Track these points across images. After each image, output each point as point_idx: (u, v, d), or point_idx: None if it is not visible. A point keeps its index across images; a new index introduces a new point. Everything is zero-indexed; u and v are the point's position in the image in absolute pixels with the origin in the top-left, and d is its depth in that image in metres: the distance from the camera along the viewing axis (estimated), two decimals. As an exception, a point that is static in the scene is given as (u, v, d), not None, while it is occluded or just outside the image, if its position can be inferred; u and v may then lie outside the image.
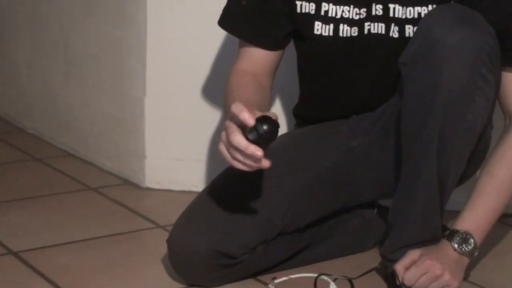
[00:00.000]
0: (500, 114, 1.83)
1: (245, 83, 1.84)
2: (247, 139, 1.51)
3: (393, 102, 1.84)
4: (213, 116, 2.42)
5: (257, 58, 1.90)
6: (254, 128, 1.51)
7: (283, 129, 1.97)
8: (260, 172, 1.69)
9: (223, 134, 1.56)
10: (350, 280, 1.74)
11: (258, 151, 1.50)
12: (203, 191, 1.89)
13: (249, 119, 1.51)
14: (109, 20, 2.57)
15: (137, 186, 2.50)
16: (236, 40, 1.94)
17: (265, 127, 1.51)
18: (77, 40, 2.75)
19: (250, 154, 1.51)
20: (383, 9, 1.81)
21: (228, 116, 1.59)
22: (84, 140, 2.75)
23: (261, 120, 1.52)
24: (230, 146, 1.54)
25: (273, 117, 1.54)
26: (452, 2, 1.75)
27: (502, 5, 1.73)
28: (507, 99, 1.78)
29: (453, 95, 1.65)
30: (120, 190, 2.47)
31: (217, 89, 2.27)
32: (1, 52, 3.23)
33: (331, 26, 1.84)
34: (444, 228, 1.81)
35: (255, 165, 1.54)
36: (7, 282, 1.84)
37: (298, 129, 2.02)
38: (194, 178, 2.36)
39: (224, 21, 1.92)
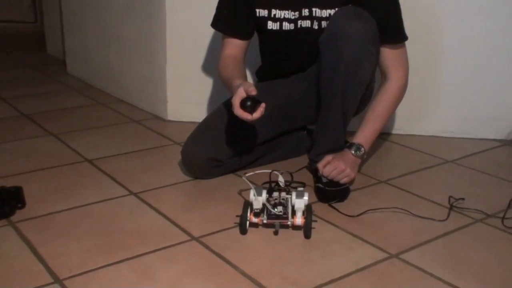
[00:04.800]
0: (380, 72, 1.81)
1: (231, 62, 1.82)
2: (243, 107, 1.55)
3: (315, 66, 1.82)
4: (209, 77, 2.35)
5: (235, 45, 1.86)
6: (244, 105, 1.54)
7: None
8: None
9: (234, 107, 1.57)
10: (290, 173, 1.76)
11: (248, 117, 1.54)
12: (202, 121, 1.87)
13: (238, 109, 1.54)
14: (143, 18, 2.47)
15: (162, 119, 2.44)
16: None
17: (248, 103, 1.53)
18: (124, 31, 2.63)
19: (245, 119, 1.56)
20: (308, 12, 1.78)
21: (229, 86, 1.60)
22: (130, 91, 2.66)
23: (245, 100, 1.54)
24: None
25: (251, 95, 1.54)
26: (349, 5, 1.71)
27: (380, 8, 1.69)
28: (383, 63, 1.76)
29: (350, 62, 1.63)
30: (152, 122, 2.41)
31: (212, 61, 2.27)
32: (79, 40, 3.08)
33: (278, 23, 1.81)
34: (346, 141, 1.82)
35: (253, 119, 1.56)
36: (85, 179, 1.82)
37: (258, 84, 1.99)
38: (197, 114, 2.27)
39: (214, 24, 1.88)
